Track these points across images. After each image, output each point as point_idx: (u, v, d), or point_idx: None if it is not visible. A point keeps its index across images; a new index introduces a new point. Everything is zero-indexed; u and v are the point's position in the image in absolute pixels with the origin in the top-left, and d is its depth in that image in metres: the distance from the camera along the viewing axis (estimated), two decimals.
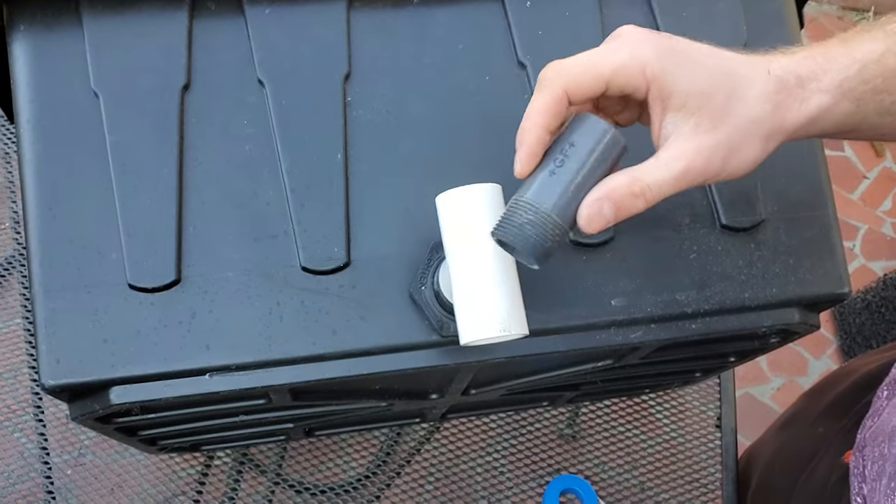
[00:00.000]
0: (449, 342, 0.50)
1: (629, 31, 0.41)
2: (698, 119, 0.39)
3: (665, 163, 0.39)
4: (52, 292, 0.48)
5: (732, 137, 0.39)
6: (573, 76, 0.39)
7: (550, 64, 0.41)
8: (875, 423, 0.58)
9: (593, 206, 0.40)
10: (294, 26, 0.52)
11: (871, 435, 0.58)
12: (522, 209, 0.41)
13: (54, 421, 0.83)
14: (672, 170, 0.39)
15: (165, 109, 0.50)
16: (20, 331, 0.86)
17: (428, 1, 0.54)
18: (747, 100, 0.39)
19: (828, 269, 0.55)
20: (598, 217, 0.40)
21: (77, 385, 0.47)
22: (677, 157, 0.39)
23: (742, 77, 0.39)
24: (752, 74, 0.40)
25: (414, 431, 0.87)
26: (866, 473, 0.56)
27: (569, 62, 0.40)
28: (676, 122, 0.40)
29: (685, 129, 0.39)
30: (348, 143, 0.52)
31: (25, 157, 0.49)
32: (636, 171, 0.40)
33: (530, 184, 0.41)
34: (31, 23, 0.50)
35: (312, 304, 0.50)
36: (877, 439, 0.56)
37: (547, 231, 0.41)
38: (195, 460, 0.83)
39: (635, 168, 0.40)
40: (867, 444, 0.58)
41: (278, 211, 0.50)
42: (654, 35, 0.40)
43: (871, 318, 1.77)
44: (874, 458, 0.55)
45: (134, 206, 0.49)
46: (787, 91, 0.40)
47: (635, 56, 0.39)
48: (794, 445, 0.73)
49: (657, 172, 0.39)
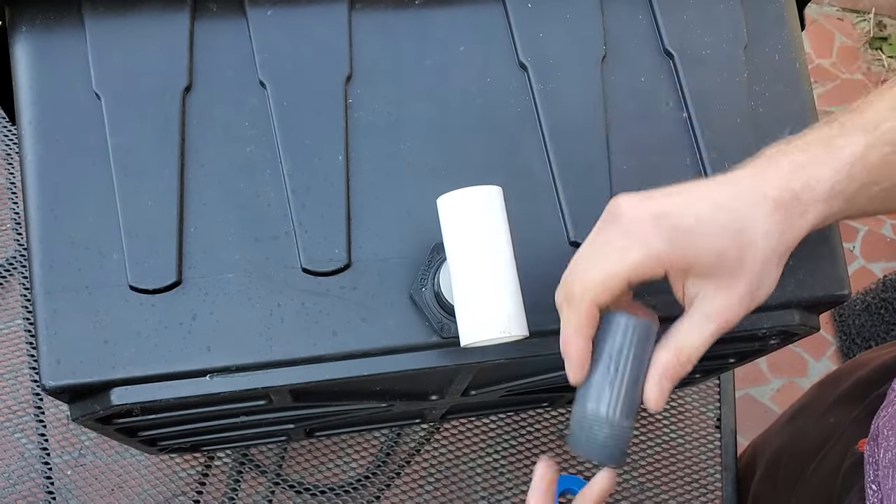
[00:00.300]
0: (449, 343, 0.50)
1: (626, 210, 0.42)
2: (718, 280, 0.42)
3: (699, 327, 0.42)
4: (53, 293, 0.48)
5: (753, 282, 0.42)
6: (598, 291, 0.41)
7: (571, 278, 0.42)
8: (889, 413, 0.59)
9: (656, 390, 0.43)
10: (296, 28, 0.52)
11: (886, 423, 0.58)
12: (598, 425, 0.43)
13: (55, 422, 0.83)
14: (706, 332, 0.42)
15: (167, 111, 0.50)
16: (21, 332, 0.86)
17: (429, 2, 0.54)
18: (757, 246, 0.41)
19: (827, 270, 0.55)
20: (663, 397, 0.43)
21: (78, 386, 0.48)
22: (709, 319, 0.42)
23: (747, 222, 0.41)
24: (754, 213, 0.41)
25: (414, 432, 0.87)
26: (880, 461, 0.57)
27: (588, 276, 0.42)
28: (699, 286, 0.42)
29: (709, 291, 0.42)
30: (349, 144, 0.52)
31: (27, 158, 0.49)
32: (677, 341, 0.43)
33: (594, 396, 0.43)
34: (32, 24, 0.50)
35: (313, 305, 0.50)
36: (893, 428, 0.56)
37: (626, 438, 0.44)
38: (195, 461, 0.83)
39: (674, 337, 0.43)
40: (881, 433, 0.58)
41: (279, 212, 0.50)
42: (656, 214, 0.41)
43: (870, 319, 1.77)
44: (888, 447, 0.56)
45: (135, 208, 0.49)
46: (786, 209, 0.42)
47: (649, 253, 0.41)
48: (803, 435, 0.74)
49: (694, 339, 0.42)
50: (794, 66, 0.57)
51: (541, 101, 0.54)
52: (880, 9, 2.14)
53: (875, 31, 2.11)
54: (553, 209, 0.53)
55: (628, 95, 0.55)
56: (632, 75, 0.55)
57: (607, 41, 0.55)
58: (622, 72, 0.55)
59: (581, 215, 0.52)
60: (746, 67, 0.57)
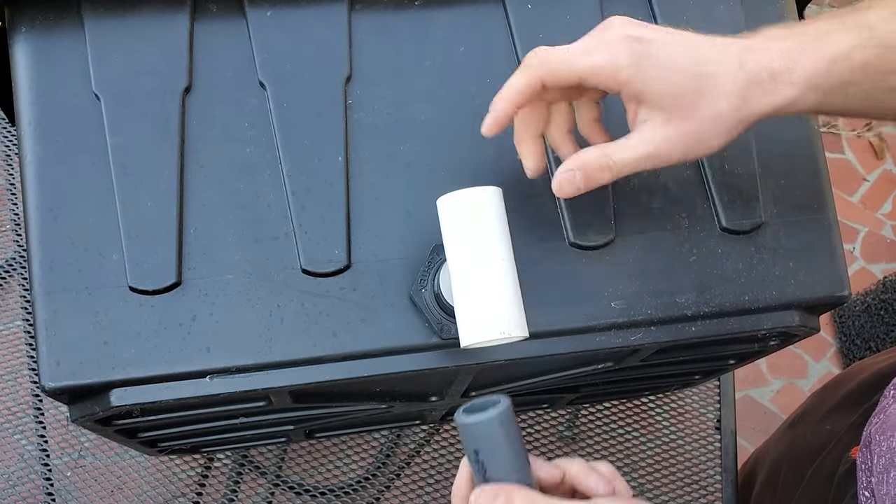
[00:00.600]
0: (449, 344, 0.50)
1: (615, 27, 0.44)
2: (668, 114, 0.43)
3: (634, 146, 0.44)
4: (53, 294, 0.48)
5: (699, 130, 0.43)
6: (552, 68, 0.44)
7: (537, 49, 0.45)
8: (881, 419, 0.59)
9: (566, 175, 0.44)
10: (295, 29, 0.52)
11: (878, 429, 0.58)
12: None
13: (54, 423, 0.83)
14: (638, 152, 0.44)
15: (166, 112, 0.50)
16: (21, 333, 0.86)
17: (429, 3, 0.54)
18: (716, 97, 0.43)
19: (827, 271, 0.55)
20: (569, 184, 0.44)
21: (77, 387, 0.47)
22: (645, 143, 0.44)
23: (713, 75, 0.43)
24: (724, 72, 0.43)
25: (413, 434, 0.87)
26: (874, 467, 0.57)
27: (552, 54, 0.44)
28: (649, 115, 0.44)
29: (656, 121, 0.43)
30: (349, 145, 0.52)
31: (26, 159, 0.49)
32: (607, 149, 0.44)
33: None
34: (32, 25, 0.50)
35: (313, 306, 0.50)
36: (885, 433, 0.56)
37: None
38: (195, 462, 0.83)
39: (607, 145, 0.45)
40: (873, 440, 0.58)
41: (279, 213, 0.50)
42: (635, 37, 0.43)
43: (870, 320, 1.77)
44: (881, 452, 0.56)
45: (135, 209, 0.49)
46: (757, 84, 0.43)
47: (610, 61, 0.43)
48: (802, 442, 0.74)
49: (625, 153, 0.44)
50: None
51: None
52: None
53: None
54: (553, 210, 0.53)
55: None
56: None
57: None
58: None
59: (580, 216, 0.52)
60: None
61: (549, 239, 0.52)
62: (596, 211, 0.53)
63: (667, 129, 0.43)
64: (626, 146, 0.44)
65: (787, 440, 0.78)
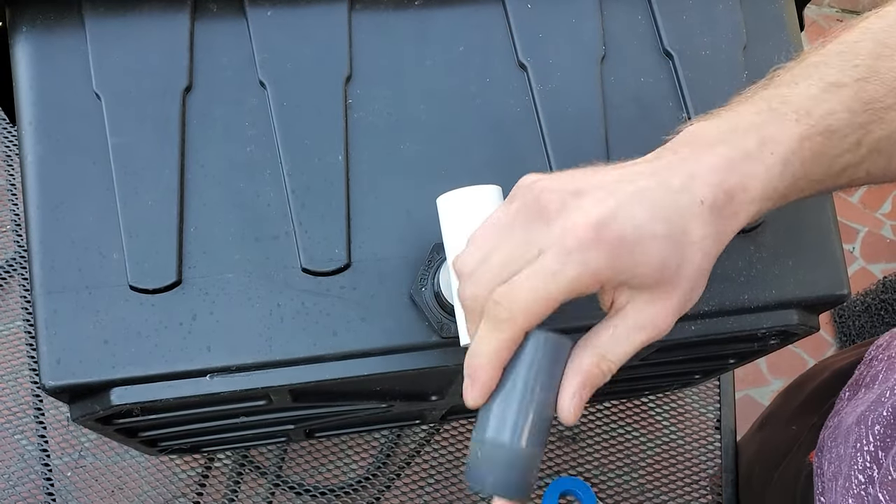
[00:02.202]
0: (449, 343, 0.50)
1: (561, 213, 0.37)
2: (654, 291, 0.38)
3: (628, 336, 0.39)
4: (54, 293, 0.48)
5: (688, 291, 0.39)
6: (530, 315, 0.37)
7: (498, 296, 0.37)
8: (834, 423, 0.58)
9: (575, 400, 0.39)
10: (296, 28, 0.52)
11: (830, 434, 0.57)
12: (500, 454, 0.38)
13: (55, 423, 0.83)
14: (635, 341, 0.39)
15: (167, 111, 0.50)
16: (21, 333, 0.86)
17: (429, 3, 0.54)
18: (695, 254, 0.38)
19: (827, 271, 0.55)
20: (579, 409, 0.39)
21: (78, 386, 0.48)
22: (640, 329, 0.39)
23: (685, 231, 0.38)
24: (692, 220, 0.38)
25: (414, 433, 0.87)
26: (825, 473, 0.56)
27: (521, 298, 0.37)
28: (631, 295, 0.39)
29: (642, 300, 0.38)
30: (349, 144, 0.52)
31: (27, 158, 0.49)
32: (599, 348, 0.39)
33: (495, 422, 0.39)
34: (33, 24, 0.50)
35: (313, 305, 0.50)
36: (836, 440, 0.56)
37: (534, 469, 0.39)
38: (196, 462, 0.83)
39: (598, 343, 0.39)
40: (825, 445, 0.58)
41: (279, 212, 0.50)
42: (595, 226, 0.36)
43: (870, 320, 1.77)
44: (831, 459, 0.55)
45: (135, 208, 0.49)
46: (720, 213, 0.38)
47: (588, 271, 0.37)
48: (770, 444, 0.74)
49: (621, 348, 0.39)
50: None
51: (540, 101, 0.54)
52: None
53: None
54: None
55: (628, 96, 0.55)
56: (631, 75, 0.56)
57: (607, 41, 0.55)
58: (622, 72, 0.55)
59: None
60: (746, 68, 0.57)
61: None
62: None
63: (657, 306, 0.38)
64: (619, 340, 0.39)
65: (756, 441, 0.78)
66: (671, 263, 0.38)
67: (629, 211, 0.37)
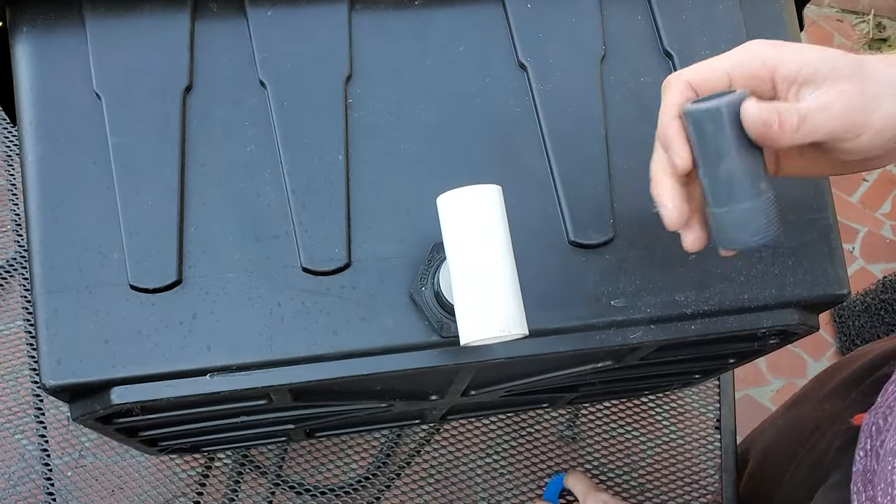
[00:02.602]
0: (449, 343, 0.50)
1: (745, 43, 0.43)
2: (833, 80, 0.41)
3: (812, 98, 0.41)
4: (54, 293, 0.48)
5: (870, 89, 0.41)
6: (694, 71, 0.43)
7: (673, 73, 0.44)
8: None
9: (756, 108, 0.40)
10: (296, 28, 0.52)
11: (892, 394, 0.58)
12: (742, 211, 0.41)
13: (55, 423, 0.83)
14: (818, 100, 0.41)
15: (167, 111, 0.50)
16: (21, 333, 0.86)
17: (429, 3, 0.54)
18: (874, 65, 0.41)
19: (827, 270, 0.55)
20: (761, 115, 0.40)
21: (78, 385, 0.48)
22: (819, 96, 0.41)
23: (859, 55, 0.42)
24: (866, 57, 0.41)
25: (414, 433, 0.87)
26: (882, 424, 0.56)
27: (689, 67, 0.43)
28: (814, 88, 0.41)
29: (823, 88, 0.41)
30: (349, 144, 0.52)
31: (27, 158, 0.49)
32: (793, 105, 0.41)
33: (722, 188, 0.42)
34: (33, 24, 0.50)
35: (313, 304, 0.50)
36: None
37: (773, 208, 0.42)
38: (196, 462, 0.83)
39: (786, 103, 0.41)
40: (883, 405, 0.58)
41: (279, 212, 0.50)
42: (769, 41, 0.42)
43: (870, 320, 1.77)
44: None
45: (135, 207, 0.49)
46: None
47: (749, 50, 0.42)
48: (798, 424, 0.74)
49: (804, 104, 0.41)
50: None
51: (540, 101, 0.54)
52: (879, 10, 2.14)
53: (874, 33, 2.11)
54: (553, 209, 0.53)
55: (628, 95, 0.55)
56: (631, 75, 0.56)
57: (607, 41, 0.56)
58: (622, 72, 0.55)
59: (580, 214, 0.53)
60: None
61: (549, 237, 0.52)
62: (596, 209, 0.53)
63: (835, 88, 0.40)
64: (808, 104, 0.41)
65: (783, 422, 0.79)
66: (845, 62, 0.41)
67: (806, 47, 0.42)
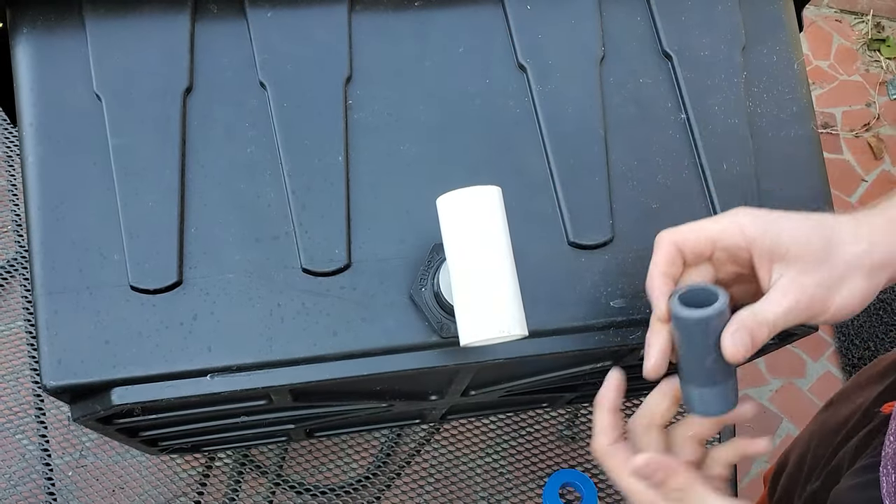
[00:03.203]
0: (449, 343, 0.50)
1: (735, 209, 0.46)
2: (802, 264, 0.44)
3: (776, 300, 0.44)
4: (55, 294, 0.48)
5: (833, 275, 0.44)
6: (682, 233, 0.45)
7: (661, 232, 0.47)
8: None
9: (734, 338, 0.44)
10: (296, 29, 0.52)
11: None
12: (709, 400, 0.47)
13: (55, 423, 0.84)
14: (783, 306, 0.44)
15: (168, 112, 0.50)
16: (22, 333, 0.87)
17: (429, 3, 0.54)
18: (843, 244, 0.44)
19: None
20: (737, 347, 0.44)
21: (79, 386, 0.48)
22: (784, 294, 0.44)
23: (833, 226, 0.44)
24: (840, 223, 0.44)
25: (414, 433, 0.87)
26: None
27: (679, 227, 0.46)
28: (782, 270, 0.44)
29: (791, 273, 0.44)
30: (349, 145, 0.52)
31: (28, 159, 0.49)
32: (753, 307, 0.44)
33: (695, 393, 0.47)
34: (33, 26, 0.50)
35: (313, 305, 0.50)
36: None
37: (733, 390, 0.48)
38: (196, 462, 0.84)
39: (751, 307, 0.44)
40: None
41: (279, 213, 0.50)
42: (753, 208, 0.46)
43: (869, 320, 1.78)
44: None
45: (136, 208, 0.49)
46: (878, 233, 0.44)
47: (734, 221, 0.45)
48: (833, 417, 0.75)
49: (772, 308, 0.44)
50: (793, 67, 0.58)
51: (540, 101, 0.54)
52: (878, 10, 2.14)
53: (873, 33, 2.11)
54: (552, 209, 0.53)
55: (627, 96, 0.55)
56: (631, 76, 0.56)
57: (606, 42, 0.56)
58: (621, 73, 0.56)
59: (580, 215, 0.53)
60: (745, 69, 0.57)
61: (549, 238, 0.53)
62: (595, 210, 0.53)
63: (802, 278, 0.43)
64: (770, 302, 0.44)
65: (818, 421, 0.79)
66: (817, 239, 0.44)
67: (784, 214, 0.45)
